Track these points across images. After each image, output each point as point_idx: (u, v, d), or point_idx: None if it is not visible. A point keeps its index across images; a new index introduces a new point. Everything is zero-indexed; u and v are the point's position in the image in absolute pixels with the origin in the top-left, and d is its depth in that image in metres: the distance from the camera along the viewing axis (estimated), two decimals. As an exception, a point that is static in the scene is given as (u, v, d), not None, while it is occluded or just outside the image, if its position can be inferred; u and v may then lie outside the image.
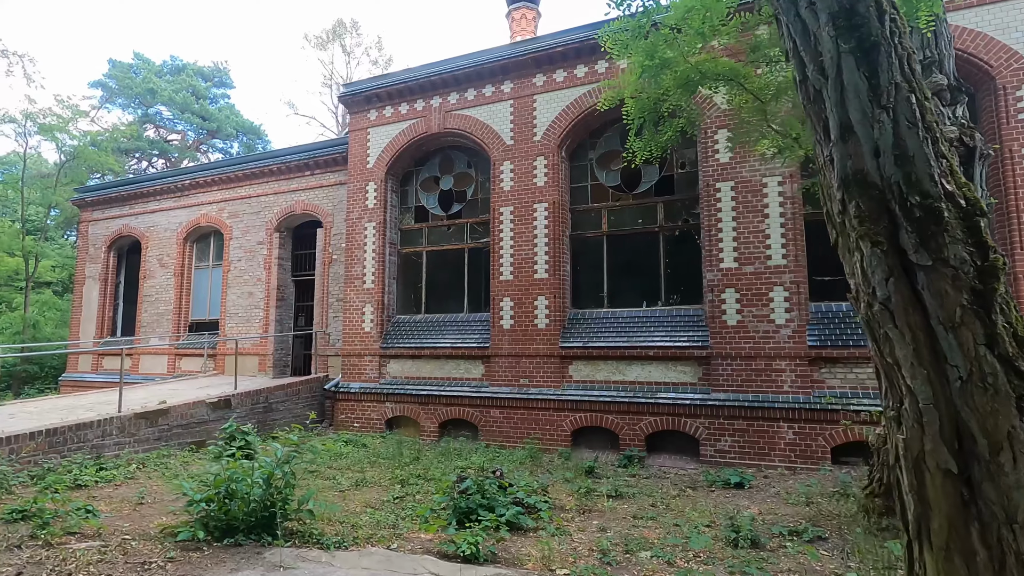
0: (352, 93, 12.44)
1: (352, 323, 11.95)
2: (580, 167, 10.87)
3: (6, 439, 6.91)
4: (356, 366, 11.80)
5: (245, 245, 14.13)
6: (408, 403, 11.10)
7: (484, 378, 10.66)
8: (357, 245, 12.13)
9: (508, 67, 10.98)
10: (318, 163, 13.38)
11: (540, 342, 10.20)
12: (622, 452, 9.18)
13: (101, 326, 16.20)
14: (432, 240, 12.14)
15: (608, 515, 6.27)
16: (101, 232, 16.67)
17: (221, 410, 9.84)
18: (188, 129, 35.57)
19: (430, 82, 11.66)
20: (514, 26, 19.64)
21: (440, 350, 10.98)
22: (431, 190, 12.23)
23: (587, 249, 10.68)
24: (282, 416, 11.16)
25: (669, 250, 10.05)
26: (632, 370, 9.54)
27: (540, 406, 9.97)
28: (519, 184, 10.74)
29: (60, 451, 7.47)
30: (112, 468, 7.65)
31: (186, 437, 9.20)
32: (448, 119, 11.53)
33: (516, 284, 10.53)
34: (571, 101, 10.47)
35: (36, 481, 6.76)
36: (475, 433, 10.49)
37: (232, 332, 13.97)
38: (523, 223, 10.61)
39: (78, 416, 8.44)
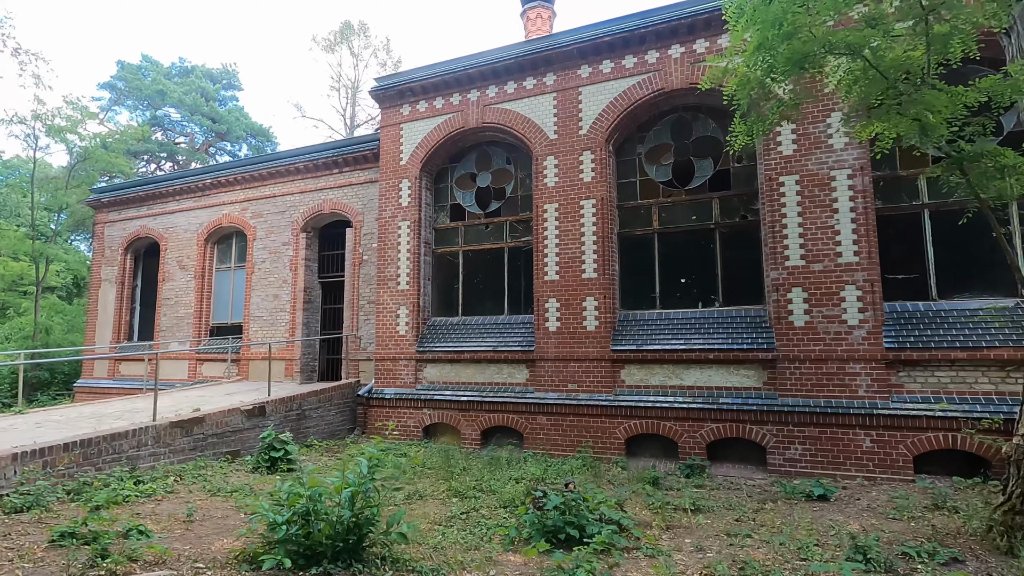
0: (384, 88, 11.99)
1: (386, 326, 11.47)
2: (627, 162, 10.41)
3: (39, 451, 6.42)
4: (390, 371, 11.31)
5: (270, 246, 13.66)
6: (447, 410, 10.60)
7: (529, 383, 10.17)
8: (390, 245, 11.65)
9: (551, 58, 10.53)
10: (347, 161, 12.92)
11: (589, 345, 9.72)
12: (682, 461, 8.69)
13: (118, 330, 15.70)
14: (469, 239, 11.67)
15: (696, 532, 5.77)
16: (117, 234, 16.19)
17: (256, 418, 9.34)
18: (197, 131, 35.16)
19: (467, 75, 11.22)
20: (529, 25, 19.26)
21: (481, 354, 10.49)
22: (467, 187, 11.77)
23: (636, 248, 10.20)
24: (315, 424, 10.66)
25: (726, 248, 9.58)
26: (690, 374, 9.05)
27: (591, 413, 9.48)
28: (564, 180, 10.28)
29: (94, 463, 6.98)
30: (149, 481, 7.15)
31: (221, 447, 8.70)
32: (487, 113, 11.07)
33: (562, 284, 10.05)
34: (619, 93, 10.01)
35: (73, 496, 6.27)
36: (520, 441, 9.99)
37: (256, 336, 13.49)
38: (569, 220, 10.14)
39: (110, 425, 7.95)
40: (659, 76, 9.73)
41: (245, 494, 7.00)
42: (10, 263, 32.67)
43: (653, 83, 9.76)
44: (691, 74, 9.48)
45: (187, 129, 36.09)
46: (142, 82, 31.91)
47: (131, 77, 31.32)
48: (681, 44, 9.62)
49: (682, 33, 9.57)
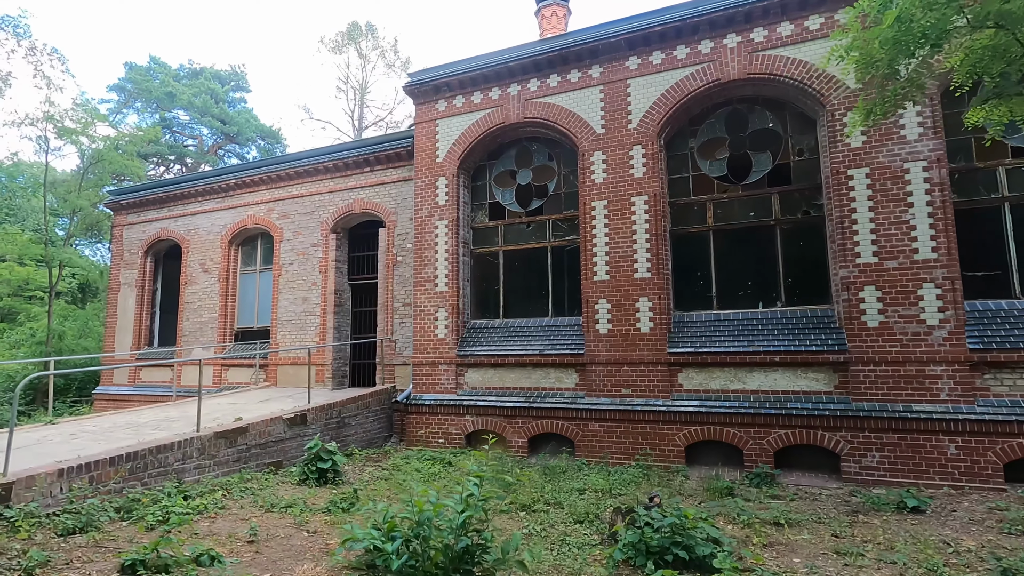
0: (418, 83, 11.59)
1: (424, 329, 11.05)
2: (679, 157, 10.00)
3: (85, 465, 6.01)
4: (429, 376, 10.89)
5: (298, 247, 13.24)
6: (492, 416, 10.18)
7: (579, 388, 9.75)
8: (427, 245, 11.24)
9: (597, 50, 10.13)
10: (379, 159, 12.51)
11: (644, 348, 9.30)
12: (748, 469, 8.27)
13: (138, 336, 15.28)
14: (509, 239, 11.25)
15: (800, 550, 5.35)
16: (137, 236, 15.78)
17: (297, 427, 8.92)
18: (206, 133, 34.78)
19: (507, 69, 10.81)
20: (544, 23, 18.86)
21: (527, 357, 10.07)
22: (507, 185, 11.36)
23: (689, 246, 9.79)
24: (354, 432, 10.24)
25: (787, 245, 9.16)
26: (753, 378, 8.63)
27: (647, 419, 9.06)
28: (613, 176, 9.87)
29: (140, 477, 6.56)
30: (197, 496, 6.73)
31: (264, 457, 8.28)
32: (528, 108, 10.67)
33: (613, 284, 9.63)
34: (671, 85, 9.61)
35: (123, 515, 5.85)
36: (571, 448, 9.56)
37: (284, 340, 13.06)
38: (619, 218, 9.73)
39: (152, 437, 7.53)
40: (714, 67, 9.33)
41: (300, 509, 6.58)
42: (16, 268, 32.26)
43: (707, 74, 9.36)
44: (749, 64, 9.08)
45: (195, 131, 35.73)
46: (151, 84, 31.53)
47: (140, 79, 30.95)
48: (738, 33, 9.21)
49: (739, 22, 9.17)
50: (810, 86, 8.68)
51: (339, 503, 6.78)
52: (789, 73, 8.82)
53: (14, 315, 33.00)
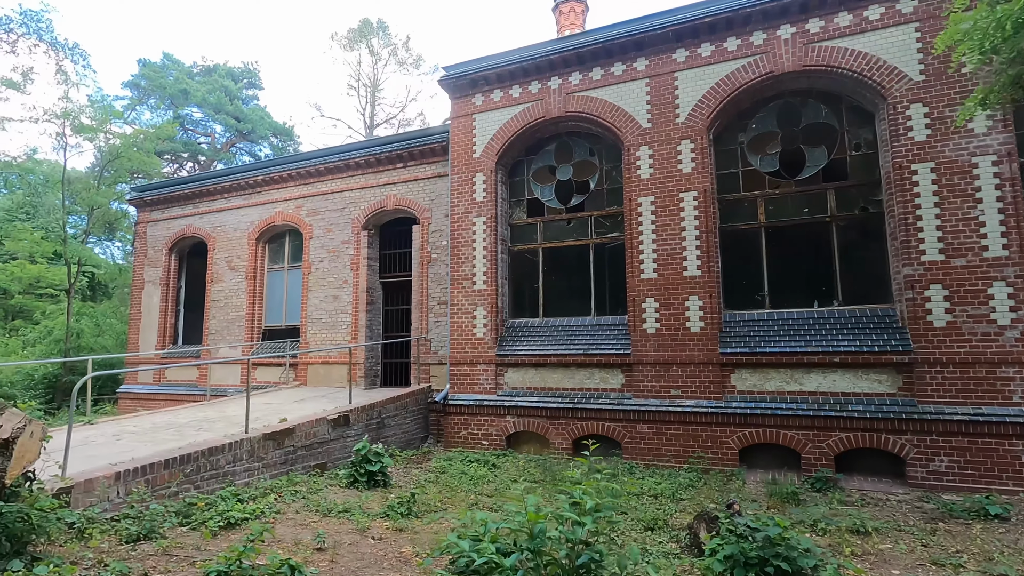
0: (454, 76, 11.35)
1: (461, 328, 10.82)
2: (728, 152, 9.74)
3: (141, 468, 5.80)
4: (468, 376, 10.67)
5: (328, 244, 13.03)
6: (534, 417, 9.95)
7: (625, 388, 9.51)
8: (464, 242, 11.01)
9: (642, 42, 9.88)
10: (412, 154, 12.29)
11: (694, 348, 9.05)
12: (807, 473, 8.03)
13: (163, 334, 15.10)
14: (549, 236, 11.01)
15: (893, 561, 5.11)
16: (161, 233, 15.60)
17: (341, 428, 8.72)
18: (219, 131, 34.62)
19: (548, 61, 10.57)
20: (562, 20, 18.63)
21: (570, 357, 9.84)
22: (546, 181, 11.12)
23: (740, 243, 9.53)
24: (393, 432, 10.03)
25: (843, 242, 8.90)
26: (811, 379, 8.38)
27: (699, 421, 8.82)
28: (661, 171, 9.62)
29: (194, 480, 6.36)
30: (249, 499, 6.53)
31: (309, 459, 8.07)
32: (570, 102, 10.42)
33: (662, 283, 9.39)
34: (721, 78, 9.35)
35: (182, 520, 5.64)
36: (617, 450, 9.33)
37: (315, 339, 12.86)
38: (667, 214, 9.49)
39: (201, 438, 7.33)
40: (767, 59, 9.07)
41: (358, 514, 6.37)
42: (27, 265, 32.20)
43: (760, 67, 9.10)
44: (804, 56, 8.82)
45: (208, 129, 35.58)
46: (165, 81, 31.38)
47: (155, 75, 30.80)
48: (792, 24, 8.95)
49: (794, 12, 8.90)
50: (870, 78, 8.42)
51: (396, 508, 6.56)
52: (847, 65, 8.55)
53: (26, 313, 32.94)
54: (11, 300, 32.56)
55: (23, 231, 33.46)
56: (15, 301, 32.66)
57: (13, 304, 32.86)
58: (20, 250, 34.05)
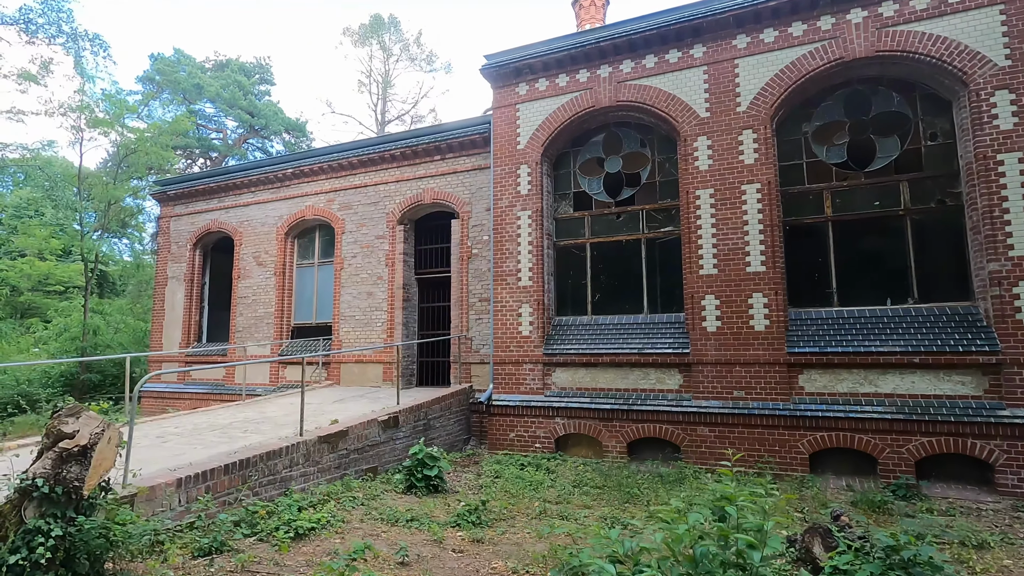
0: (497, 65, 10.94)
1: (506, 326, 10.42)
2: (790, 142, 9.32)
3: (202, 474, 5.41)
4: (513, 375, 10.26)
5: (361, 240, 12.63)
6: (585, 419, 9.55)
7: (683, 389, 9.10)
8: (508, 237, 10.60)
9: (700, 28, 9.46)
10: (451, 146, 11.88)
11: (758, 347, 8.64)
12: (884, 479, 7.62)
13: (187, 331, 14.73)
14: (597, 231, 10.60)
15: (1026, 578, 4.70)
16: (185, 228, 15.22)
17: (390, 430, 8.32)
18: (231, 126, 34.26)
19: (598, 49, 10.16)
20: (582, 13, 18.21)
21: (623, 357, 9.43)
22: (593, 173, 10.70)
23: (804, 238, 9.12)
24: (438, 434, 9.64)
25: (918, 237, 8.47)
26: (887, 381, 7.96)
27: (765, 423, 8.40)
28: (720, 163, 9.21)
29: (252, 486, 5.97)
30: (309, 507, 6.14)
31: (361, 463, 7.68)
32: (621, 91, 10.01)
33: (723, 279, 8.98)
34: (785, 65, 8.93)
35: (247, 529, 5.25)
36: (676, 454, 8.92)
37: (348, 337, 12.47)
38: (728, 208, 9.07)
39: (247, 440, 6.94)
40: (836, 44, 8.64)
41: (427, 524, 5.98)
42: (36, 263, 31.88)
43: (828, 53, 8.67)
44: (877, 41, 8.39)
45: (220, 124, 35.22)
46: (178, 75, 31.02)
47: (169, 70, 30.43)
48: (864, 8, 8.52)
49: (866, -5, 8.47)
50: (950, 64, 7.99)
51: (466, 517, 6.17)
52: (924, 50, 8.13)
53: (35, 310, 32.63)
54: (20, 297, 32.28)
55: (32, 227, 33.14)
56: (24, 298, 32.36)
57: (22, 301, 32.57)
58: (29, 247, 33.73)
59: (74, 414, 3.59)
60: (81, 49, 17.81)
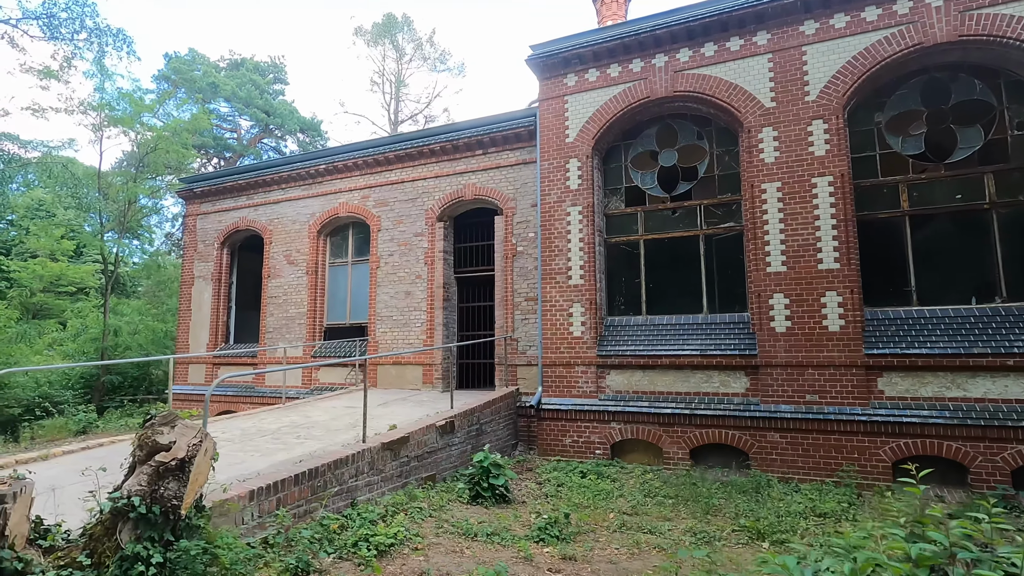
0: (545, 55, 10.52)
1: (555, 326, 9.99)
2: (862, 133, 8.87)
3: (273, 486, 4.99)
4: (563, 378, 9.83)
5: (398, 237, 12.23)
6: (644, 424, 9.10)
7: (750, 393, 8.65)
8: (558, 234, 10.17)
9: (764, 14, 9.03)
10: (494, 140, 11.46)
11: (833, 348, 8.18)
12: (979, 490, 7.14)
13: (215, 332, 14.34)
14: (651, 227, 10.16)
15: None
16: (212, 226, 14.85)
17: (447, 435, 7.90)
18: (248, 125, 33.97)
19: (653, 37, 9.73)
20: (603, 10, 17.75)
21: (684, 358, 8.98)
22: (646, 167, 10.27)
23: (878, 234, 8.66)
24: (488, 439, 9.20)
25: (1006, 232, 8.01)
26: (977, 384, 7.49)
27: (842, 429, 7.94)
28: (788, 155, 8.76)
29: (321, 497, 5.55)
30: (379, 519, 5.72)
31: (420, 471, 7.25)
32: (678, 81, 9.57)
33: (792, 277, 8.53)
34: (859, 51, 8.48)
35: (325, 546, 4.83)
36: (743, 461, 8.46)
37: (384, 338, 12.06)
38: (797, 202, 8.62)
39: (305, 447, 6.53)
40: (914, 29, 8.19)
41: (509, 539, 5.55)
42: (49, 263, 31.61)
43: (905, 38, 8.22)
44: (960, 25, 7.94)
45: (235, 124, 34.93)
46: (194, 74, 30.74)
47: (185, 68, 30.15)
48: (945, -10, 8.08)
49: (948, -23, 8.03)
50: (1042, 48, 7.53)
51: (548, 531, 5.75)
52: (1014, 34, 7.67)
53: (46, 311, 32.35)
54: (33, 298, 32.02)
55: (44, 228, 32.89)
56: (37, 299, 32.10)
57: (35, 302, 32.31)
58: (42, 248, 33.47)
59: (169, 423, 3.17)
60: (104, 44, 17.40)
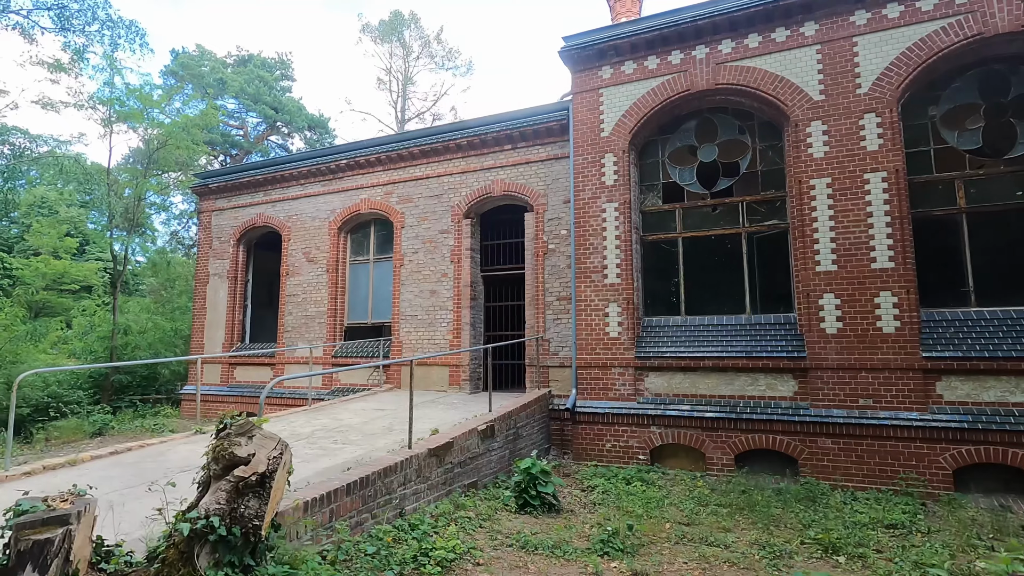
0: (579, 47, 10.19)
1: (590, 327, 9.66)
2: (915, 127, 8.55)
3: (325, 497, 4.66)
4: (600, 380, 9.50)
5: (423, 235, 11.89)
6: (686, 428, 8.77)
7: (798, 397, 8.32)
8: (592, 231, 9.84)
9: (812, 4, 8.70)
10: (524, 135, 11.12)
11: (888, 351, 7.86)
12: (1048, 500, 6.82)
13: (231, 331, 14.00)
14: (689, 224, 9.84)
15: None
16: (228, 223, 14.50)
17: (487, 440, 7.57)
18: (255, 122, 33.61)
19: (693, 28, 9.40)
20: (617, 7, 17.43)
21: (728, 361, 8.66)
22: (685, 163, 9.94)
23: (933, 232, 8.34)
24: (524, 444, 8.88)
25: (1070, 231, 7.70)
26: (1043, 389, 7.17)
27: (898, 435, 7.61)
28: (838, 149, 8.44)
29: (371, 507, 5.22)
30: (432, 531, 5.39)
31: (463, 478, 6.92)
32: (720, 73, 9.25)
33: (843, 276, 8.20)
34: (913, 42, 8.16)
35: (383, 562, 4.49)
36: (792, 468, 8.14)
37: (408, 338, 11.72)
38: (848, 198, 8.30)
39: (342, 452, 6.20)
40: (973, 19, 7.87)
41: (571, 552, 5.22)
42: (51, 261, 31.24)
43: (964, 28, 7.90)
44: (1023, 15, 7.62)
45: (241, 120, 34.56)
46: (201, 70, 30.38)
47: (193, 64, 29.80)
48: (1008, -22, 7.75)
49: (1011, -36, 7.71)
50: (1112, 38, 7.21)
51: (611, 543, 5.42)
52: (1082, 24, 7.35)
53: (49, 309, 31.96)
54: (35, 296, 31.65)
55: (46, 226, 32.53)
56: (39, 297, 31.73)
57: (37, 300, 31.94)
58: (44, 245, 33.09)
59: (245, 432, 2.85)
60: (117, 37, 17.06)
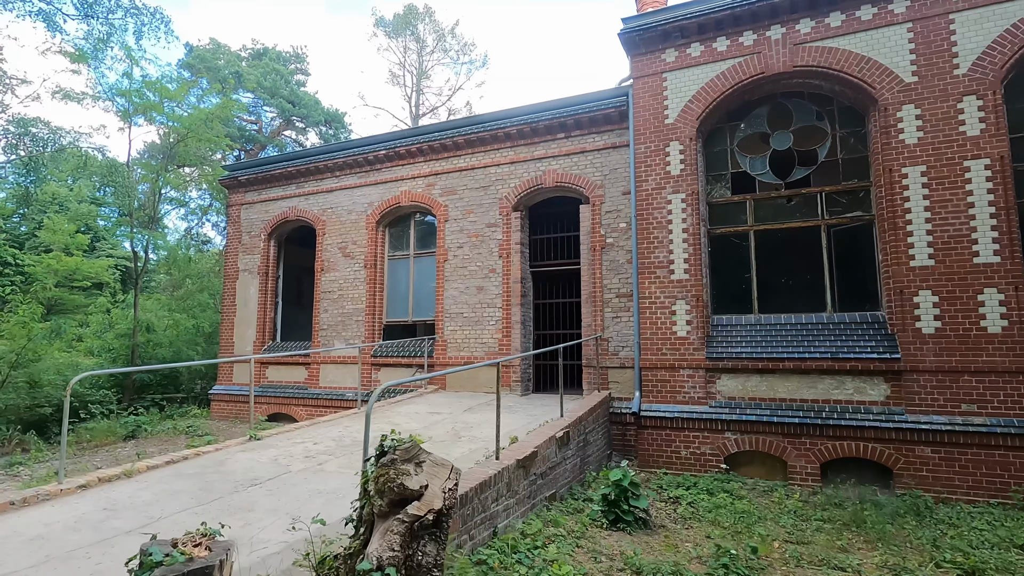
0: (640, 29, 9.60)
1: (655, 325, 9.08)
2: (1019, 111, 7.93)
3: (429, 518, 4.09)
4: (667, 383, 8.93)
5: (468, 228, 11.32)
6: (765, 434, 8.20)
7: (891, 401, 7.73)
8: (657, 224, 9.26)
9: (903, -21, 8.09)
10: (578, 122, 10.53)
11: (994, 352, 7.26)
12: None
13: (262, 328, 13.48)
14: (761, 216, 9.26)
15: None
16: (258, 217, 13.97)
17: (564, 448, 7.01)
18: (270, 116, 33.08)
19: (769, 7, 8.80)
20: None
21: (811, 362, 8.07)
22: (756, 151, 9.34)
23: (1037, 223, 7.73)
24: (592, 451, 8.33)
25: None
26: None
27: (1009, 444, 7.02)
28: (934, 135, 7.83)
29: (468, 528, 4.67)
30: (530, 551, 4.84)
31: (544, 489, 6.37)
32: (799, 54, 8.64)
33: (942, 271, 7.60)
34: (1019, 19, 7.54)
35: (502, 595, 3.95)
36: (885, 478, 7.56)
37: (453, 336, 11.17)
38: (947, 187, 7.69)
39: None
40: (1088, -8, 7.25)
41: (693, 578, 4.65)
42: (63, 257, 30.83)
43: (1077, 2, 7.28)
44: None
45: (257, 115, 34.03)
46: (217, 63, 29.85)
47: (209, 57, 29.28)
48: None
49: None
50: None
51: (733, 568, 4.85)
52: None
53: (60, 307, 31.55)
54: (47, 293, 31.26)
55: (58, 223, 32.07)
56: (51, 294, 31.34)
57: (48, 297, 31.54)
58: (56, 242, 32.65)
59: (412, 459, 2.31)
60: (141, 24, 16.54)
